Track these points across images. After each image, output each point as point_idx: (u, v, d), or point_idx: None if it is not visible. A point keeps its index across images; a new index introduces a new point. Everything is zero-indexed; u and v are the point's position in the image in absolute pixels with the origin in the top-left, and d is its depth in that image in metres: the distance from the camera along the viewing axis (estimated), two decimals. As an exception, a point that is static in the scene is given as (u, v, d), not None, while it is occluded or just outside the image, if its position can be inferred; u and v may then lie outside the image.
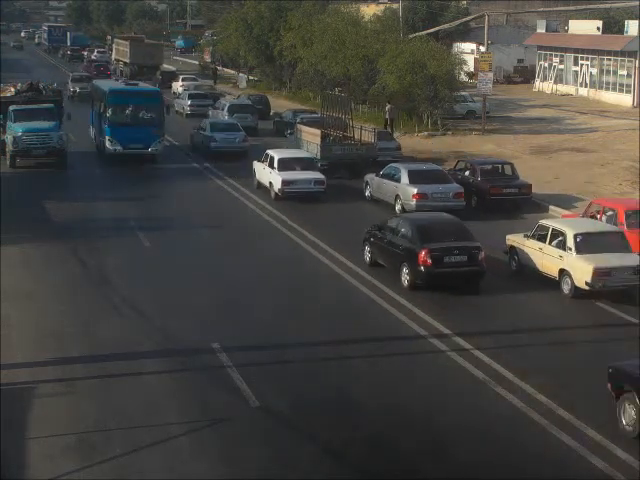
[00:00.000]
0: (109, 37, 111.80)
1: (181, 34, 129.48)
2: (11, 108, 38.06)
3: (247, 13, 69.23)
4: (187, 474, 13.14)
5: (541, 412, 15.11)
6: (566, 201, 31.13)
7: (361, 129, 37.92)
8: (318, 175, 31.93)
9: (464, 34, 73.63)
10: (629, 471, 13.26)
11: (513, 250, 23.42)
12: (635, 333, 18.52)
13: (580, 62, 64.53)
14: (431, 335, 18.75)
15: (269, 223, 28.87)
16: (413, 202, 28.67)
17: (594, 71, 62.81)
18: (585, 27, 65.31)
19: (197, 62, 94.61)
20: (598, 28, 64.03)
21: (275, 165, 31.92)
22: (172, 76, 71.47)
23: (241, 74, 77.29)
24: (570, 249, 21.39)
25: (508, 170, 31.69)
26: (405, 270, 21.98)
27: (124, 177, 36.68)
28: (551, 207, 30.43)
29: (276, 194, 31.51)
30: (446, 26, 65.69)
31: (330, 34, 55.49)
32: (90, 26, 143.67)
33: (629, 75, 58.93)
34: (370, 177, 31.92)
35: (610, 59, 60.90)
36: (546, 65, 69.03)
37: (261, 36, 66.89)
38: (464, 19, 66.92)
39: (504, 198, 30.17)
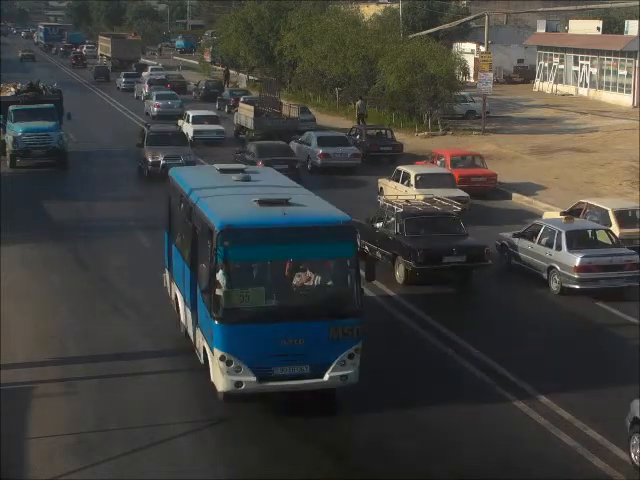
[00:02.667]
0: None
1: (181, 34, 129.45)
2: (11, 108, 38.01)
3: (247, 13, 69.18)
4: (187, 474, 13.14)
5: (541, 412, 15.11)
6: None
7: (290, 106, 46.61)
8: (219, 127, 44.40)
9: (464, 34, 73.57)
10: (629, 471, 13.26)
11: (382, 190, 30.68)
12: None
13: (580, 62, 64.49)
14: (431, 335, 18.73)
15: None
16: (319, 160, 36.67)
17: (594, 71, 62.78)
18: (585, 27, 65.25)
19: (197, 62, 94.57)
20: (598, 28, 63.96)
21: (189, 119, 44.39)
22: (143, 67, 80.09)
23: (241, 74, 77.33)
24: (412, 185, 28.99)
25: (388, 134, 40.75)
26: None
27: (124, 177, 36.67)
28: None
29: (190, 140, 40.20)
30: (446, 26, 65.71)
31: (330, 34, 55.58)
32: (90, 26, 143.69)
33: (629, 75, 58.90)
34: (292, 143, 38.90)
35: (610, 59, 60.87)
36: (546, 65, 69.00)
37: (261, 36, 66.85)
38: (464, 19, 66.94)
39: (380, 154, 38.90)
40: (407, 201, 24.37)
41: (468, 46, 70.96)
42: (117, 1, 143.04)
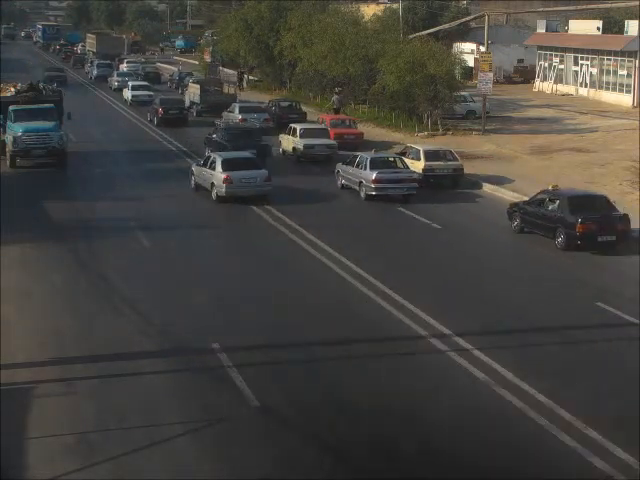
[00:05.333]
0: None
1: (181, 34, 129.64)
2: (11, 108, 37.97)
3: (247, 13, 69.21)
4: (187, 474, 13.14)
5: (541, 412, 15.11)
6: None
7: (229, 85, 61.12)
8: (150, 92, 61.04)
9: (464, 34, 73.58)
10: (629, 471, 13.27)
11: (280, 141, 41.60)
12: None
13: (580, 62, 64.49)
14: (431, 335, 18.75)
15: (267, 222, 28.91)
16: (239, 123, 45.68)
17: (594, 71, 62.79)
18: (585, 27, 65.24)
19: (197, 62, 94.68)
20: (598, 28, 63.95)
21: (129, 87, 63.29)
22: (122, 61, 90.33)
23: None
24: (298, 136, 39.67)
25: (297, 106, 51.80)
26: (154, 118, 51.08)
27: (124, 177, 36.71)
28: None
29: (130, 102, 61.51)
30: (446, 26, 65.66)
31: (330, 34, 55.55)
32: (90, 26, 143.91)
33: (629, 75, 58.90)
34: (223, 112, 49.59)
35: (610, 59, 60.88)
36: (546, 65, 69.00)
37: (261, 36, 66.87)
38: (464, 19, 66.89)
39: (289, 120, 45.57)
40: (231, 121, 42.21)
41: (468, 46, 70.99)
42: (117, 1, 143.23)
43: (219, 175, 30.99)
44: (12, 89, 41.42)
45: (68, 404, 15.32)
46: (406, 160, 34.04)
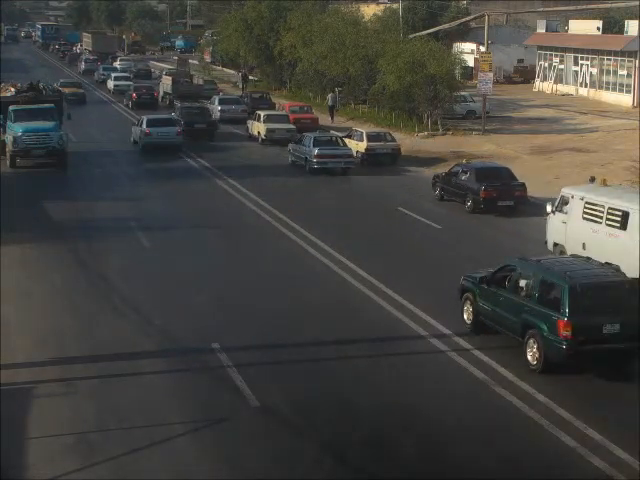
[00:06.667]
0: None
1: (181, 34, 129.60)
2: (11, 108, 37.97)
3: (247, 13, 69.22)
4: (187, 474, 13.13)
5: (541, 412, 15.11)
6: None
7: (197, 77, 67.74)
8: (131, 82, 67.71)
9: (464, 34, 73.55)
10: (629, 471, 13.26)
11: (248, 128, 47.82)
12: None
13: (580, 62, 64.47)
14: (431, 335, 18.75)
15: (267, 221, 28.94)
16: (218, 114, 52.25)
17: (594, 71, 62.77)
18: (585, 27, 65.20)
19: (197, 62, 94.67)
20: (598, 28, 63.91)
21: (112, 78, 71.46)
22: (115, 58, 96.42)
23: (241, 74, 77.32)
24: (262, 121, 45.81)
25: (267, 97, 57.03)
26: (129, 102, 60.10)
27: (124, 177, 36.73)
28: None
29: (112, 91, 69.49)
30: (446, 26, 65.67)
31: (330, 34, 55.59)
32: (90, 26, 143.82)
33: (629, 75, 58.88)
34: (207, 104, 54.22)
35: (610, 59, 60.85)
36: (546, 65, 68.99)
37: (261, 36, 66.88)
38: (464, 19, 66.88)
39: (259, 109, 49.81)
40: (185, 103, 49.78)
41: (468, 46, 70.96)
42: (117, 1, 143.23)
43: (144, 130, 41.38)
44: (12, 89, 41.42)
45: (68, 404, 15.33)
46: (351, 141, 39.77)
